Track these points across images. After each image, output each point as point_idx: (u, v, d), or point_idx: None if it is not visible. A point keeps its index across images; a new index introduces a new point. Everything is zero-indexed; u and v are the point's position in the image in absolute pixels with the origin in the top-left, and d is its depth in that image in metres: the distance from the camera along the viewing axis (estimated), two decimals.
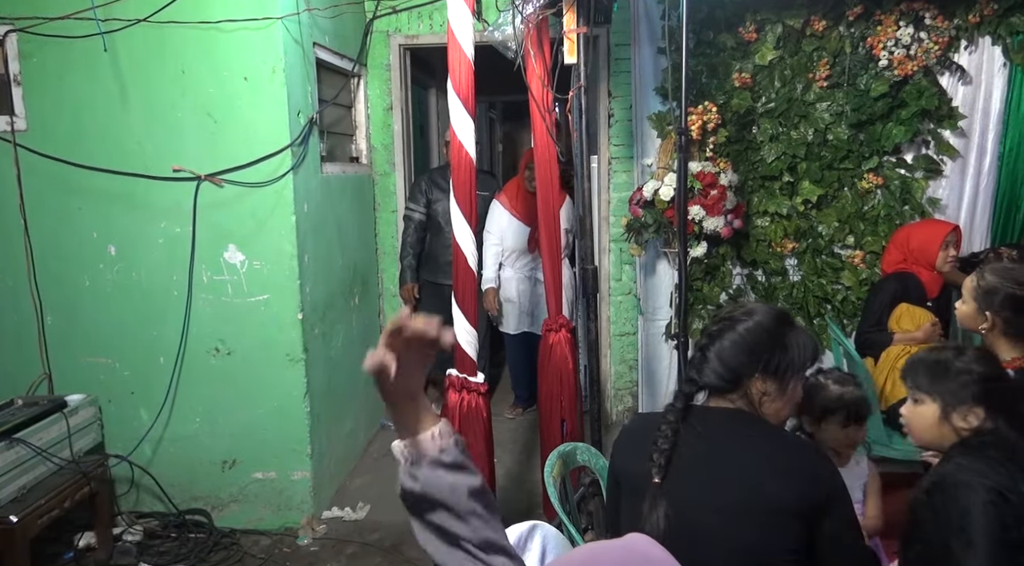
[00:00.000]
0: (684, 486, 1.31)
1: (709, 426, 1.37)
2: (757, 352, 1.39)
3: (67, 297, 3.07)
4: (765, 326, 1.41)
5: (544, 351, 2.94)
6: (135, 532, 2.99)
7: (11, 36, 2.90)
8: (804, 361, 1.41)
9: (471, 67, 2.31)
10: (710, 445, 1.34)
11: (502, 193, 3.98)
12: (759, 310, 1.44)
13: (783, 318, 1.44)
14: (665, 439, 1.34)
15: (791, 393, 1.41)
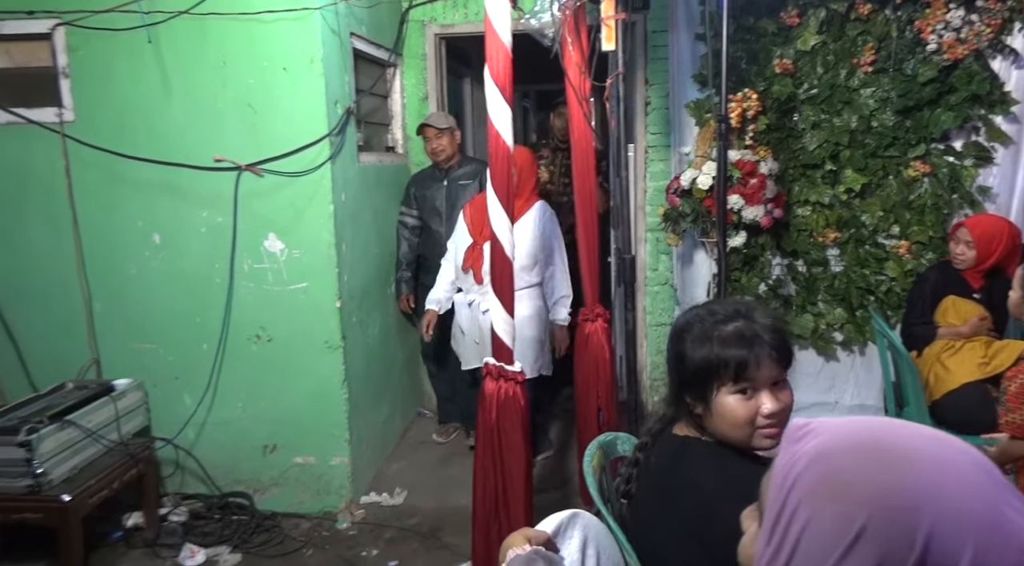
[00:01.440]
0: (637, 513, 1.35)
1: (660, 455, 1.37)
2: (670, 369, 1.38)
3: (114, 285, 3.15)
4: (670, 339, 1.38)
5: (580, 341, 2.94)
6: (180, 513, 3.07)
7: (59, 30, 2.96)
8: (706, 373, 1.28)
9: (508, 55, 2.30)
10: (660, 474, 1.35)
11: (472, 200, 3.48)
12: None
13: (678, 328, 1.36)
14: (630, 465, 1.38)
15: (716, 408, 1.28)
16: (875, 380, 3.69)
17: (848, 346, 3.78)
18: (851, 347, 3.78)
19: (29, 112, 3.01)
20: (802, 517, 0.57)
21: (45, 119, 3.02)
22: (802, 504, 0.58)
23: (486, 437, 2.38)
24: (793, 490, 0.59)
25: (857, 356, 3.80)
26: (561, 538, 1.38)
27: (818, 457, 0.59)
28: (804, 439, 0.62)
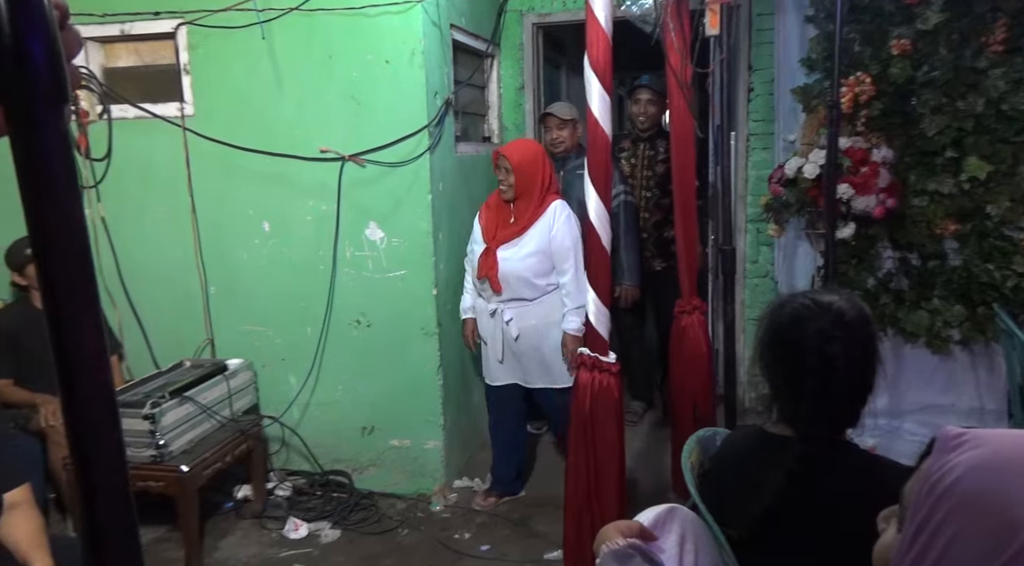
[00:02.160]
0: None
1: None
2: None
3: (227, 270, 3.33)
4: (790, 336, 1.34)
5: (676, 334, 2.88)
6: (285, 488, 3.23)
7: (182, 29, 3.15)
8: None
9: (608, 43, 2.27)
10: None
11: (488, 200, 3.20)
12: None
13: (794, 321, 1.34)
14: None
15: None
16: (998, 382, 3.44)
17: (967, 345, 3.53)
18: (970, 347, 3.52)
19: (154, 107, 3.22)
20: (952, 527, 0.55)
21: (168, 113, 3.22)
22: (953, 514, 0.56)
23: (579, 427, 2.38)
24: (943, 499, 0.57)
25: (977, 356, 3.54)
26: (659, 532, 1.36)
27: (977, 469, 0.57)
28: (959, 449, 0.59)
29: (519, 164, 2.92)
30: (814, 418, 1.29)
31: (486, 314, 3.06)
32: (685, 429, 2.72)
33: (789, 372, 1.30)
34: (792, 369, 1.29)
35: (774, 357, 1.33)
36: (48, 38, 0.43)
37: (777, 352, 1.32)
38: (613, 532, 1.30)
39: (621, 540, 1.27)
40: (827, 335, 1.25)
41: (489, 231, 3.03)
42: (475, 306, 3.14)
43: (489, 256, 2.98)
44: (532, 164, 2.95)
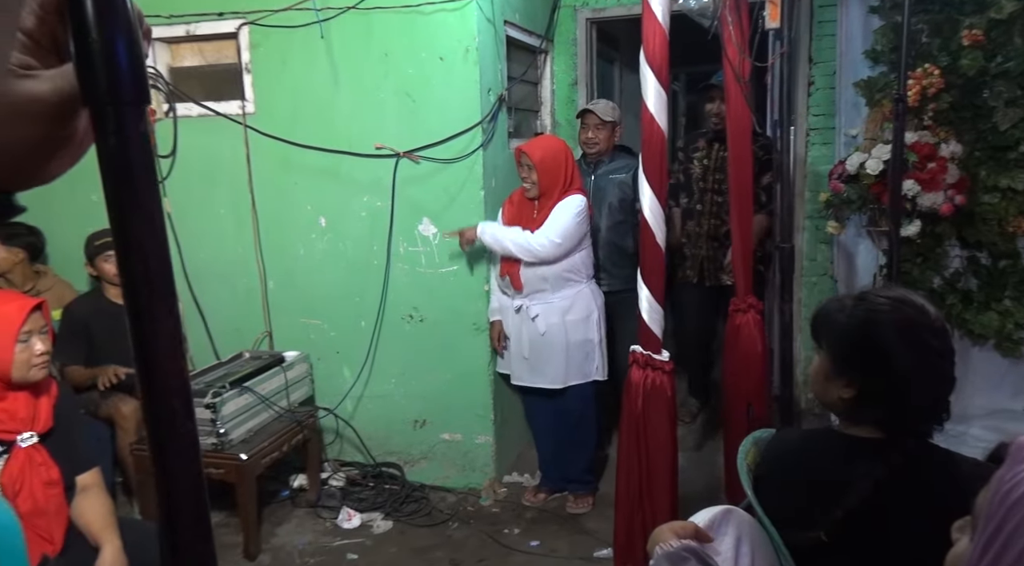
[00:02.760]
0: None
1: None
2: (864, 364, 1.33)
3: (285, 264, 3.41)
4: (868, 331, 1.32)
5: (731, 332, 2.83)
6: (339, 478, 3.30)
7: (244, 29, 3.23)
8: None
9: (665, 37, 2.24)
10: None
11: (508, 197, 3.19)
12: None
13: (888, 322, 1.31)
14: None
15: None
16: None
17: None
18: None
19: (217, 105, 3.31)
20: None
21: (230, 111, 3.31)
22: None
23: (631, 425, 2.36)
24: (1015, 509, 0.55)
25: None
26: (714, 534, 1.34)
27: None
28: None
29: (541, 161, 2.92)
30: (915, 420, 1.28)
31: (510, 311, 3.06)
32: (738, 429, 2.68)
33: (892, 375, 1.25)
34: (896, 372, 1.25)
35: (870, 360, 1.28)
36: (131, 42, 0.44)
37: (875, 355, 1.27)
38: (667, 533, 1.29)
39: (675, 541, 1.26)
40: (938, 339, 1.25)
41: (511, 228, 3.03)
42: (501, 306, 3.13)
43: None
44: (554, 161, 2.95)
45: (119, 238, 0.46)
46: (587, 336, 3.04)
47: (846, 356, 1.30)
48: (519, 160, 3.02)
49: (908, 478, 1.26)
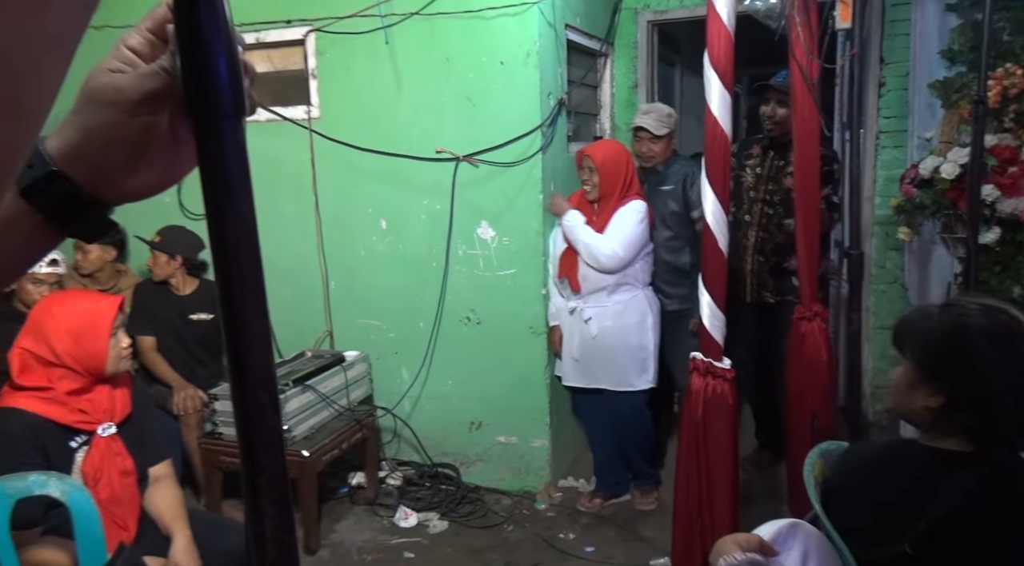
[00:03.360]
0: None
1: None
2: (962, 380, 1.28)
3: (346, 265, 3.48)
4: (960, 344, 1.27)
5: (795, 341, 2.77)
6: (396, 477, 3.35)
7: (311, 35, 3.32)
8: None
9: (731, 39, 2.20)
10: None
11: (568, 198, 3.18)
12: None
13: (987, 334, 1.26)
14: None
15: None
16: None
17: None
18: None
19: (284, 110, 3.41)
20: None
21: (296, 116, 3.40)
22: None
23: (690, 434, 2.33)
24: None
25: None
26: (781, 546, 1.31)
27: None
28: None
29: (603, 163, 2.96)
30: (1006, 430, 1.25)
31: (565, 312, 3.11)
32: (802, 441, 2.61)
33: (984, 382, 1.22)
34: (987, 379, 1.22)
35: (960, 366, 1.25)
36: (231, 55, 0.46)
37: (966, 361, 1.24)
38: (731, 545, 1.26)
39: (740, 554, 1.23)
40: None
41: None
42: (558, 310, 3.16)
43: (569, 255, 3.03)
44: (615, 163, 2.98)
45: (216, 243, 0.48)
46: (641, 342, 3.04)
47: (934, 363, 1.27)
48: (580, 162, 3.05)
49: (1000, 490, 1.21)
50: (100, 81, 0.49)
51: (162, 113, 0.50)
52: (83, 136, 0.49)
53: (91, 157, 0.49)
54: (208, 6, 0.45)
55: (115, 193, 0.52)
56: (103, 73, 0.49)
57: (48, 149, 0.49)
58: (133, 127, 0.49)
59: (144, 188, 0.53)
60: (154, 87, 0.48)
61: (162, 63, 0.49)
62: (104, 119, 0.49)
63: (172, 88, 0.48)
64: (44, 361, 1.81)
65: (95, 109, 0.49)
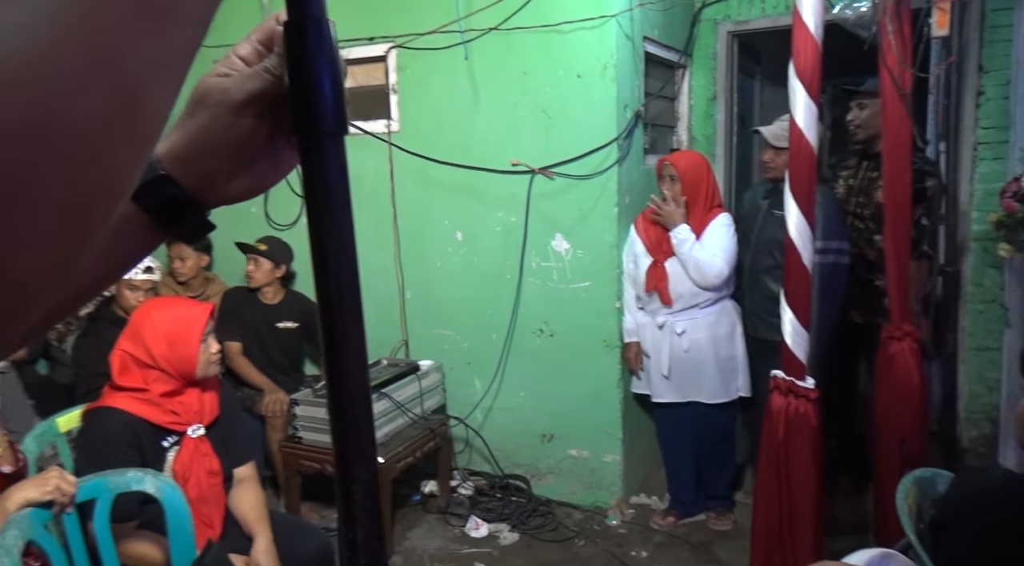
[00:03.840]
0: None
1: None
2: None
3: (422, 275, 3.54)
4: None
5: (884, 362, 2.64)
6: (468, 487, 3.37)
7: (392, 52, 3.41)
8: None
9: (818, 49, 2.14)
10: None
11: (641, 212, 3.15)
12: None
13: None
14: None
15: None
16: None
17: None
18: None
19: (365, 124, 3.51)
20: None
21: (376, 130, 3.49)
22: None
23: (770, 455, 2.26)
24: None
25: None
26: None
27: None
28: None
29: (685, 171, 2.95)
30: None
31: (652, 327, 3.06)
32: (891, 467, 2.49)
33: None
34: None
35: None
36: (335, 76, 0.48)
37: None
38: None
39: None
40: None
41: (653, 243, 3.02)
42: (638, 325, 3.12)
43: (658, 268, 3.00)
44: (697, 172, 2.98)
45: (317, 257, 0.50)
46: (732, 352, 3.03)
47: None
48: (660, 172, 3.04)
49: None
50: (208, 84, 0.51)
51: (264, 116, 0.52)
52: (190, 139, 0.51)
53: (197, 160, 0.52)
54: (316, 29, 0.47)
55: (215, 195, 0.54)
56: (212, 77, 0.52)
57: (156, 153, 0.51)
58: (237, 128, 0.51)
59: (242, 192, 0.55)
60: (258, 87, 0.50)
61: (266, 65, 0.51)
62: (211, 121, 0.51)
63: (275, 90, 0.50)
64: (141, 363, 1.92)
65: (203, 111, 0.51)
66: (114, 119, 0.27)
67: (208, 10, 0.32)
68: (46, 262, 0.27)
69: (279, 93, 0.50)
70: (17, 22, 0.24)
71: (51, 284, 0.28)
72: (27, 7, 0.24)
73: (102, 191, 0.28)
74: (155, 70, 0.29)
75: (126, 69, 0.27)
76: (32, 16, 0.24)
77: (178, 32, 0.30)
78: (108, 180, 0.28)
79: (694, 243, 2.94)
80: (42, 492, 1.58)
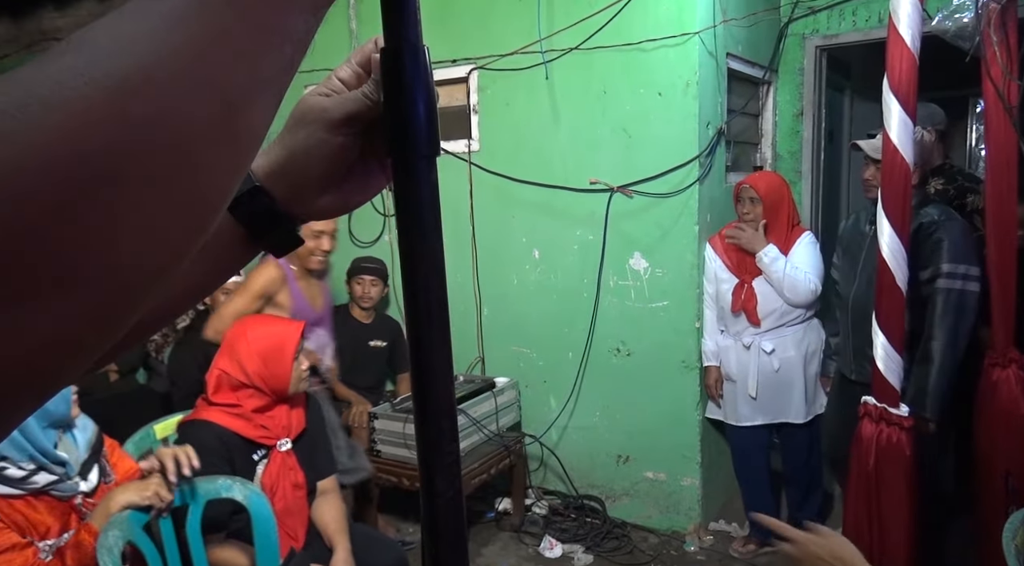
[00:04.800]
0: None
1: None
2: None
3: (499, 292, 3.57)
4: None
5: (986, 389, 2.48)
6: (542, 506, 3.35)
7: (473, 73, 3.47)
8: None
9: (915, 62, 2.05)
10: None
11: (717, 233, 3.08)
12: None
13: None
14: None
15: None
16: None
17: None
18: None
19: (447, 144, 3.58)
20: None
21: (458, 150, 3.56)
22: None
23: (860, 485, 2.15)
24: None
25: None
26: None
27: None
28: None
29: (766, 193, 2.92)
30: None
31: (737, 349, 3.01)
32: (995, 503, 2.32)
33: None
34: None
35: None
36: (429, 100, 0.49)
37: None
38: None
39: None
40: None
41: (735, 264, 2.99)
42: (720, 348, 3.07)
43: (745, 288, 2.96)
44: (778, 193, 2.96)
45: (408, 275, 0.51)
46: (817, 369, 3.01)
47: None
48: (738, 194, 2.98)
49: None
50: (309, 102, 0.54)
51: (358, 137, 0.54)
52: (288, 153, 0.54)
53: (291, 174, 0.54)
54: (412, 54, 0.48)
55: (305, 210, 0.56)
56: (313, 96, 0.54)
57: (252, 167, 0.54)
58: (331, 146, 0.53)
59: (330, 208, 0.57)
60: (355, 110, 0.52)
61: (364, 90, 0.53)
62: (309, 137, 0.53)
63: (371, 113, 0.52)
64: (236, 382, 1.99)
65: (302, 127, 0.54)
66: (215, 127, 0.29)
67: (307, 30, 0.34)
68: (151, 262, 0.28)
69: (374, 116, 0.52)
70: (137, 41, 0.26)
71: (151, 286, 0.28)
72: (146, 25, 0.27)
73: (202, 196, 0.30)
74: (254, 84, 0.31)
75: (227, 81, 0.29)
76: (150, 36, 0.26)
77: (278, 49, 0.32)
78: (209, 186, 0.30)
79: (786, 262, 2.89)
80: (142, 497, 1.67)
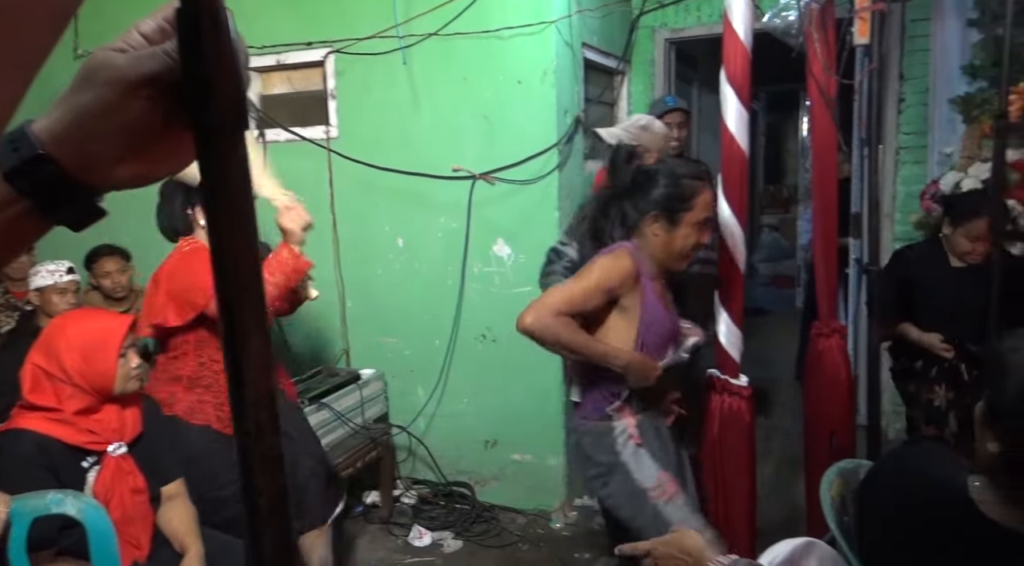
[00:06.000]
0: None
1: None
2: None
3: (363, 283, 3.49)
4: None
5: (813, 358, 2.73)
6: (411, 496, 3.33)
7: (330, 57, 3.36)
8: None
9: (747, 55, 2.20)
10: None
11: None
12: None
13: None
14: None
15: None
16: None
17: None
18: None
19: (303, 130, 3.45)
20: None
21: (315, 136, 3.43)
22: None
23: (709, 454, 2.30)
24: None
25: None
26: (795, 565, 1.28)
27: None
28: None
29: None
30: None
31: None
32: (821, 460, 2.56)
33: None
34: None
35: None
36: (235, 70, 0.46)
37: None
38: None
39: (725, 558, 1.21)
40: None
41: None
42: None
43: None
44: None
45: (216, 254, 0.48)
46: None
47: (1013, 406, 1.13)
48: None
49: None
50: (100, 58, 0.47)
51: (159, 100, 0.48)
52: (75, 116, 0.47)
53: (81, 140, 0.47)
54: (211, 16, 0.45)
55: (104, 180, 0.50)
56: (105, 51, 0.47)
57: (35, 131, 0.47)
58: (128, 111, 0.47)
59: (132, 178, 0.51)
60: (154, 69, 0.46)
61: (166, 47, 0.47)
62: (99, 99, 0.47)
63: (173, 74, 0.46)
64: (53, 377, 1.80)
65: (91, 88, 0.47)
66: None
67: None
68: None
69: (177, 78, 0.46)
70: None
71: None
72: None
73: None
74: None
75: None
76: None
77: (26, 34, 0.28)
78: None
79: None
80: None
